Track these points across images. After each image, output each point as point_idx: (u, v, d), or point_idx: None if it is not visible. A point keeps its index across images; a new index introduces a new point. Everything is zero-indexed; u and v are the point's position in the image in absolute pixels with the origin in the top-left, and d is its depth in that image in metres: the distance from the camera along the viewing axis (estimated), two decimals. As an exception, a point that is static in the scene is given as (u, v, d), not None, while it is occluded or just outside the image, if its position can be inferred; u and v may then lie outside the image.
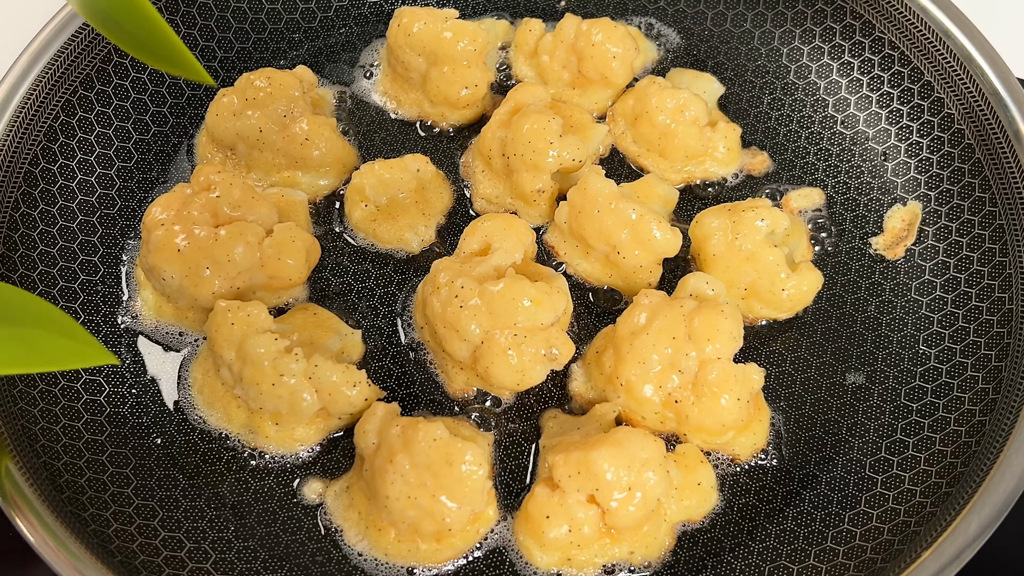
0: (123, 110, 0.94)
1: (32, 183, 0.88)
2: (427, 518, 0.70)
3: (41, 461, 0.76)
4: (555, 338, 0.77)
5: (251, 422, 0.78)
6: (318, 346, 0.79)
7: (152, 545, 0.75)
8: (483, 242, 0.81)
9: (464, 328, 0.75)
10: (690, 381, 0.76)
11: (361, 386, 0.76)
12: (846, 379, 0.85)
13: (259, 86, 0.88)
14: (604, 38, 0.91)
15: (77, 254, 0.88)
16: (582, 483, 0.70)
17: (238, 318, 0.76)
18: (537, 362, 0.76)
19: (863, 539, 0.76)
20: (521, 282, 0.75)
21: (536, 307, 0.75)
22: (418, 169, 0.90)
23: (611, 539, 0.73)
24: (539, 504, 0.72)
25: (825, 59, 1.00)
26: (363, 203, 0.88)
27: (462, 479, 0.69)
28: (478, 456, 0.70)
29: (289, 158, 0.89)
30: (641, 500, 0.70)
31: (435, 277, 0.78)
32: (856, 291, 0.89)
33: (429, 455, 0.69)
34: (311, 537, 0.77)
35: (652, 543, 0.75)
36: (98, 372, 0.84)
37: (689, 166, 0.93)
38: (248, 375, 0.74)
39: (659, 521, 0.75)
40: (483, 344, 0.75)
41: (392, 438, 0.71)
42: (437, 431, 0.70)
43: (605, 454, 0.69)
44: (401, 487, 0.69)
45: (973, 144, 0.90)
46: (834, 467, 0.80)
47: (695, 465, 0.77)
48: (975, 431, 0.78)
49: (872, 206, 0.93)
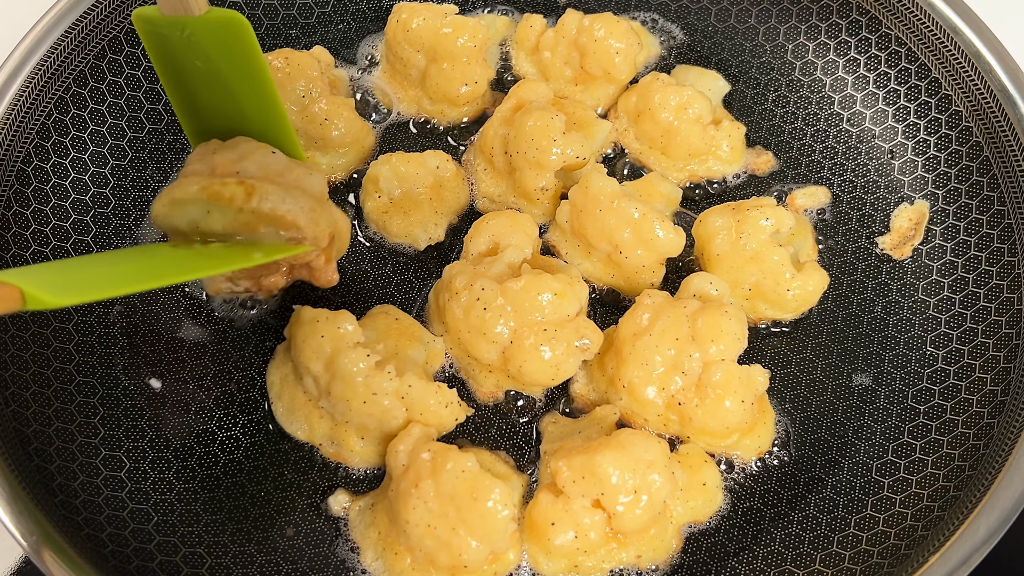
0: (117, 108, 0.94)
1: (24, 182, 0.87)
2: (444, 550, 0.68)
3: (34, 464, 0.75)
4: (584, 328, 0.76)
5: (335, 434, 0.77)
6: (404, 357, 0.77)
7: (146, 550, 0.74)
8: (491, 241, 0.81)
9: (491, 330, 0.74)
10: (693, 383, 0.75)
11: (452, 406, 0.75)
12: (852, 381, 0.84)
13: (277, 66, 0.88)
14: (607, 33, 0.91)
15: (71, 253, 0.88)
16: (587, 488, 0.69)
17: (328, 331, 0.74)
18: (570, 354, 0.75)
19: (869, 543, 0.75)
20: (542, 276, 0.75)
21: (561, 299, 0.74)
22: (437, 166, 0.89)
23: (618, 543, 0.72)
24: (543, 511, 0.71)
25: (831, 55, 0.99)
26: (377, 194, 0.88)
27: (485, 516, 0.67)
28: (505, 495, 0.67)
29: (308, 139, 0.89)
30: (647, 503, 0.69)
31: (450, 283, 0.77)
32: (862, 291, 0.88)
33: (455, 486, 0.67)
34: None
35: (659, 546, 0.74)
36: (90, 373, 0.83)
37: (692, 164, 0.92)
38: (337, 391, 0.73)
39: (665, 523, 0.74)
40: (512, 343, 0.75)
41: (421, 462, 0.69)
42: (467, 463, 0.68)
43: (609, 457, 0.69)
44: (422, 514, 0.68)
45: (981, 142, 0.90)
46: (840, 470, 0.80)
47: (699, 465, 0.76)
48: (983, 433, 0.78)
49: (878, 205, 0.93)
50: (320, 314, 0.75)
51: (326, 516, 0.77)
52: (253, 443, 0.80)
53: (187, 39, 0.71)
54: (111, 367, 0.84)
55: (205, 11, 0.70)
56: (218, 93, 0.75)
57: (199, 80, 0.74)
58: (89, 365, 0.83)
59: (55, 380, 0.81)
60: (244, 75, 0.72)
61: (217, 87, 0.74)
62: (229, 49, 0.71)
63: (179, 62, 0.74)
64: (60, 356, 0.83)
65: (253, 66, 0.72)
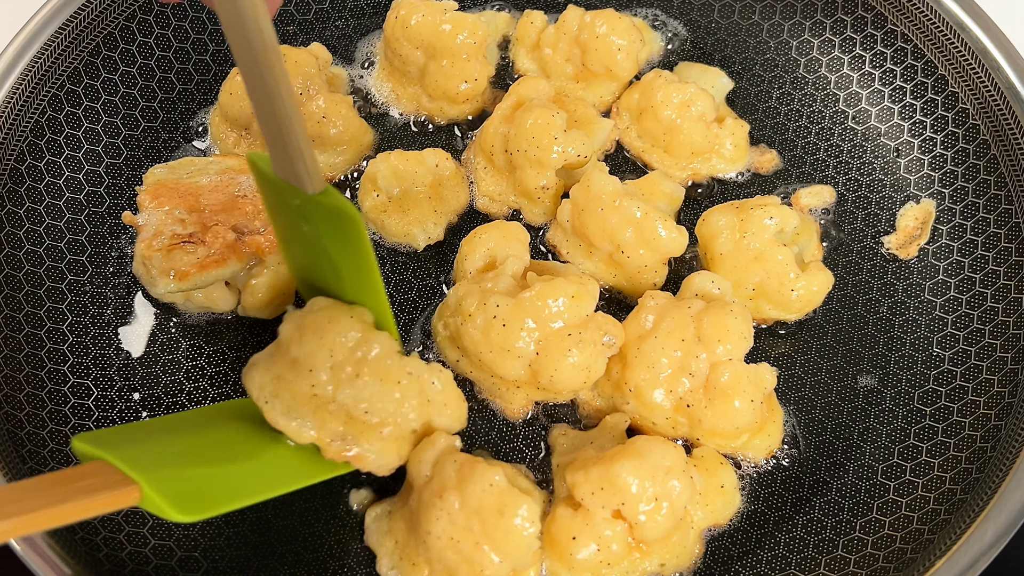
0: (112, 105, 0.93)
1: (18, 180, 0.86)
2: (465, 564, 0.66)
3: (28, 468, 0.75)
4: (604, 324, 0.75)
5: (349, 429, 0.70)
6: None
7: (141, 554, 0.74)
8: (487, 256, 0.80)
9: (514, 345, 0.73)
10: (701, 384, 0.74)
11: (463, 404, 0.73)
12: (857, 382, 0.83)
13: None
14: (608, 30, 0.90)
15: (64, 253, 0.87)
16: (606, 499, 0.68)
17: (345, 320, 0.70)
18: (598, 354, 0.74)
19: (875, 547, 0.75)
20: (553, 281, 0.74)
21: (578, 300, 0.74)
22: (437, 164, 0.88)
23: (641, 553, 0.71)
24: (563, 526, 0.69)
25: (836, 52, 0.99)
26: (375, 192, 0.87)
27: (510, 532, 0.65)
28: (532, 512, 0.66)
29: None
30: (669, 509, 0.68)
31: (461, 306, 0.76)
32: (868, 292, 0.87)
33: (482, 499, 0.66)
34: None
35: (683, 552, 0.73)
36: (86, 375, 0.82)
37: (695, 163, 0.92)
38: (365, 378, 0.68)
39: (687, 529, 0.73)
40: (539, 355, 0.74)
41: (447, 473, 0.68)
42: (495, 476, 0.67)
43: (627, 466, 0.68)
44: (445, 526, 0.66)
45: (988, 140, 0.89)
46: (845, 473, 0.79)
47: (716, 468, 0.76)
48: (990, 436, 0.77)
49: (884, 204, 0.92)
50: (336, 303, 0.72)
51: (332, 519, 0.76)
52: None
53: (296, 206, 0.67)
54: (106, 368, 0.83)
55: (319, 191, 0.65)
56: (319, 255, 0.71)
57: (303, 236, 0.70)
58: (83, 366, 0.82)
59: (49, 382, 0.81)
60: (349, 258, 0.69)
61: (319, 251, 0.70)
62: (337, 232, 0.67)
63: (286, 214, 0.70)
64: (54, 357, 0.82)
65: (359, 255, 0.68)
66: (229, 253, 0.78)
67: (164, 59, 0.95)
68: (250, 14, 0.54)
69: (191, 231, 0.79)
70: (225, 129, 0.91)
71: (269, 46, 0.56)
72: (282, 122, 0.60)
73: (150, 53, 0.95)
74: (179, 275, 0.77)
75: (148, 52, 0.95)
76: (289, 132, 0.61)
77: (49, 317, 0.83)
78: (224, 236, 0.79)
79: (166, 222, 0.79)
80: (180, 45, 0.96)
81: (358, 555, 0.75)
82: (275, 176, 0.66)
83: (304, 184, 0.64)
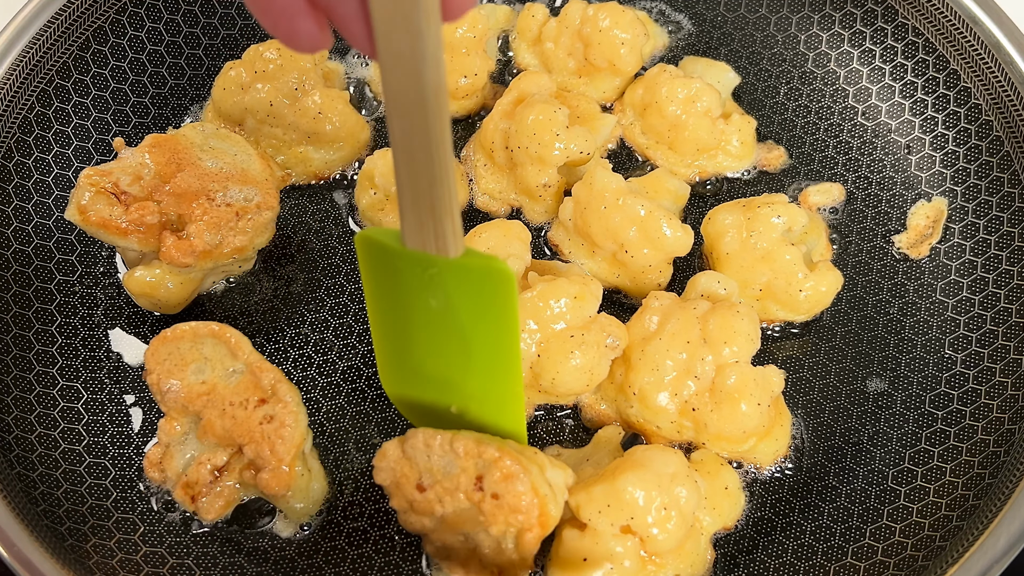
0: (102, 101, 0.92)
1: (5, 178, 0.85)
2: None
3: (15, 472, 0.74)
4: (608, 326, 0.75)
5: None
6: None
7: (133, 561, 0.73)
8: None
9: None
10: (707, 387, 0.74)
11: None
12: (867, 385, 0.82)
13: (269, 58, 0.86)
14: (612, 23, 0.89)
15: (53, 252, 0.86)
16: (614, 516, 0.67)
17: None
18: (601, 356, 0.74)
19: (885, 555, 0.74)
20: (555, 282, 0.74)
21: (580, 301, 0.73)
22: None
23: (655, 566, 0.70)
24: (571, 548, 0.68)
25: (845, 46, 0.98)
26: (372, 189, 0.86)
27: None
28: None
29: (301, 133, 0.87)
30: (678, 517, 0.67)
31: None
32: (878, 292, 0.86)
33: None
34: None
35: (696, 559, 0.72)
36: (74, 378, 0.81)
37: (701, 160, 0.91)
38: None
39: (697, 535, 0.72)
40: (540, 357, 0.73)
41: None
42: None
43: (631, 479, 0.67)
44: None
45: (1002, 136, 0.88)
46: (855, 478, 0.78)
47: (717, 470, 0.75)
48: (1004, 440, 0.76)
49: (895, 202, 0.91)
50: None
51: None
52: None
53: (429, 277, 0.61)
54: (96, 371, 0.82)
55: (462, 253, 0.59)
56: (444, 336, 0.65)
57: (424, 318, 0.65)
58: (73, 369, 0.81)
59: (37, 384, 0.80)
60: (487, 327, 0.64)
61: (445, 331, 0.65)
62: (480, 298, 0.62)
63: (405, 297, 0.64)
64: (42, 359, 0.81)
65: (503, 321, 0.63)
66: (134, 230, 0.75)
67: (155, 53, 0.94)
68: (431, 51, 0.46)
69: (136, 191, 0.76)
70: (218, 125, 0.90)
71: (442, 87, 0.49)
72: (437, 175, 0.53)
73: (141, 47, 0.94)
74: (82, 212, 0.74)
75: (139, 46, 0.94)
76: (442, 185, 0.54)
77: (37, 318, 0.82)
78: (146, 215, 0.75)
79: (130, 168, 0.77)
80: (172, 39, 0.95)
81: (359, 555, 0.74)
82: (401, 250, 0.60)
83: (448, 247, 0.58)
